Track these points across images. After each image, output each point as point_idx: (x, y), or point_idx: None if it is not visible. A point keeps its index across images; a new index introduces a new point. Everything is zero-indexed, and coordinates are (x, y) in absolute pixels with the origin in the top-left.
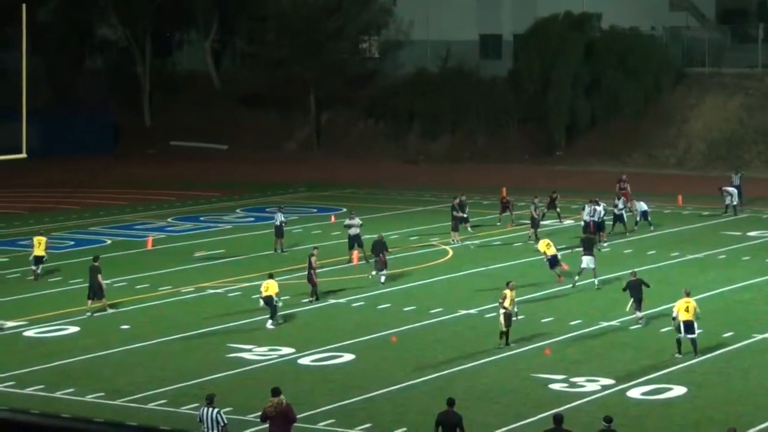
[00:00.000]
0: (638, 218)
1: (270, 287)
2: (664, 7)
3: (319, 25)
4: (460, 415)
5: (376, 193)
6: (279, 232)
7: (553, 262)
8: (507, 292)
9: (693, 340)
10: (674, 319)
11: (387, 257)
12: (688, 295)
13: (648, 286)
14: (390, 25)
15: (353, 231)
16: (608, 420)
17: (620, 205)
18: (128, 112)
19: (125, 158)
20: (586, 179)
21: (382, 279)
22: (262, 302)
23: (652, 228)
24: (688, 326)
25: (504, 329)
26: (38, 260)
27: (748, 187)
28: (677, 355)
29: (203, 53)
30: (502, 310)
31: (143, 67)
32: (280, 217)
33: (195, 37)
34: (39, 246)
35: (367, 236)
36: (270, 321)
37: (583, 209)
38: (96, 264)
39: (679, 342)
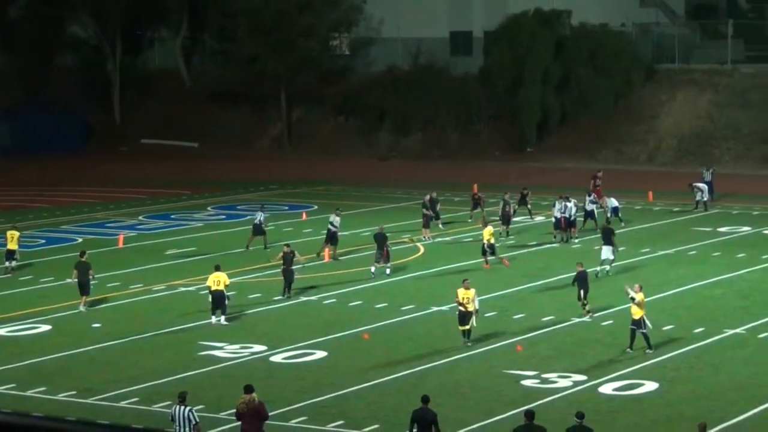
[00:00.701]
0: (609, 214)
1: (220, 280)
2: (634, 4)
3: (290, 22)
4: (435, 412)
5: (347, 191)
6: (257, 230)
7: (491, 250)
8: (460, 290)
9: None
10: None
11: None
12: (640, 289)
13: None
14: (360, 22)
15: (333, 228)
16: (580, 416)
17: (589, 202)
18: (99, 110)
19: (96, 156)
20: (557, 176)
21: (388, 271)
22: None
23: (623, 224)
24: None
25: (461, 328)
26: (10, 255)
27: (717, 183)
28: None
29: (174, 51)
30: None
31: (114, 64)
32: (259, 216)
33: (166, 35)
34: (12, 240)
35: (342, 232)
36: (223, 317)
37: (554, 206)
38: (83, 259)
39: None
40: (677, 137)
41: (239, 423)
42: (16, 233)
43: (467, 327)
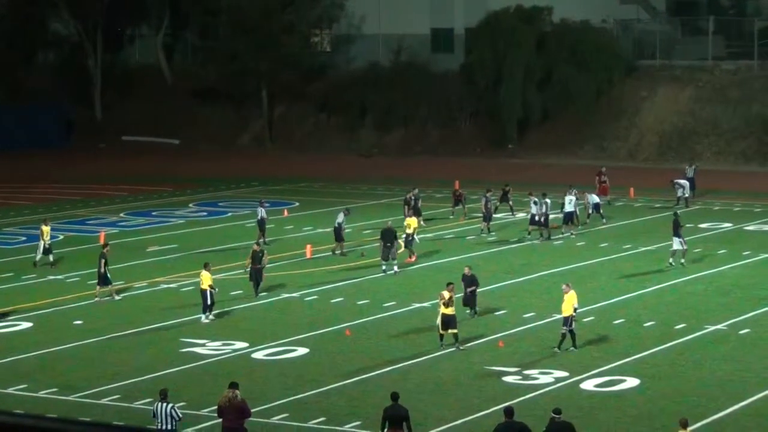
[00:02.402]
0: (590, 211)
1: (204, 279)
2: (615, 0)
3: (271, 19)
4: (406, 408)
5: (329, 187)
6: (262, 225)
7: (408, 241)
8: (445, 293)
9: (573, 332)
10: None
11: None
12: (569, 286)
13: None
14: (341, 19)
15: (337, 225)
16: (557, 411)
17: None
18: (80, 106)
19: (77, 153)
20: (538, 172)
21: (396, 268)
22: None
23: (604, 221)
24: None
25: (446, 332)
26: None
27: (698, 179)
28: (555, 348)
29: (155, 48)
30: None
31: (95, 61)
32: (261, 212)
33: (147, 32)
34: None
35: (322, 230)
36: (204, 314)
37: (534, 203)
38: (104, 251)
39: (564, 336)
40: (658, 133)
41: (221, 420)
42: (47, 228)
43: (455, 331)
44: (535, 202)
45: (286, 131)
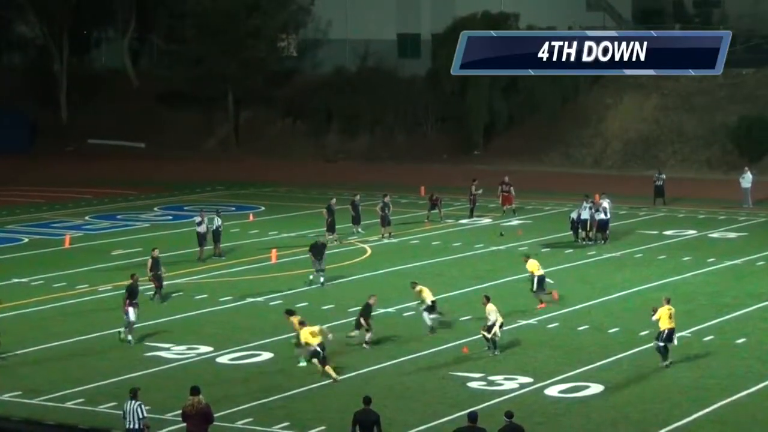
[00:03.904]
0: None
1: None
2: (581, 8)
3: (237, 23)
4: (377, 413)
5: (294, 192)
6: (216, 235)
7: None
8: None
9: (670, 348)
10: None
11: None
12: (668, 302)
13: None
14: (308, 23)
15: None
16: (509, 415)
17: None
18: (45, 109)
19: (42, 156)
20: (502, 179)
21: (322, 279)
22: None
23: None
24: (671, 334)
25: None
26: None
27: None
28: (662, 364)
29: (121, 51)
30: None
31: (61, 64)
32: (217, 222)
33: (113, 35)
34: None
35: (283, 235)
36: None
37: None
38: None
39: (660, 350)
40: (623, 141)
41: (185, 424)
42: None
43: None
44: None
45: (252, 136)
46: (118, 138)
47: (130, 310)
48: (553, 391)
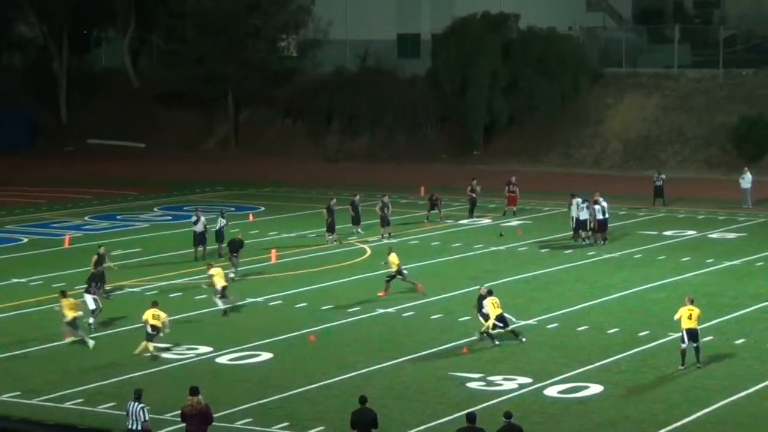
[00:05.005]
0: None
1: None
2: (581, 8)
3: (238, 23)
4: (374, 411)
5: (294, 192)
6: (219, 236)
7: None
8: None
9: (696, 348)
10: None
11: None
12: (691, 302)
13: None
14: (308, 24)
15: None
16: (508, 416)
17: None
18: (45, 109)
19: (42, 156)
20: (503, 178)
21: (232, 274)
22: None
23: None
24: (692, 335)
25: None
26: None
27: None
28: (680, 367)
29: (121, 51)
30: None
31: (61, 64)
32: (220, 223)
33: (113, 35)
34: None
35: (283, 235)
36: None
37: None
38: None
39: (683, 353)
40: (623, 141)
41: (184, 424)
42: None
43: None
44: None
45: (252, 136)
46: (117, 138)
47: (88, 297)
48: (552, 392)
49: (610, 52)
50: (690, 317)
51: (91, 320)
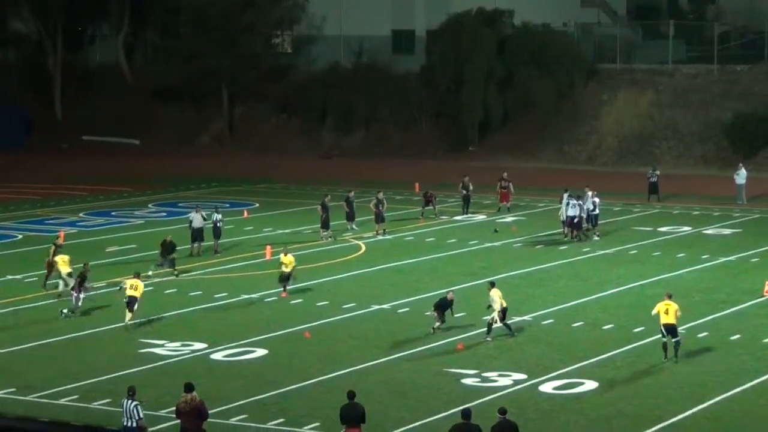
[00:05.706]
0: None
1: (138, 287)
2: (576, 4)
3: (232, 19)
4: (362, 406)
5: (289, 188)
6: (217, 231)
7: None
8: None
9: (676, 343)
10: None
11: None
12: (669, 297)
13: None
14: (303, 20)
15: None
16: (503, 411)
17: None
18: (40, 106)
19: (37, 152)
20: (498, 175)
21: (150, 273)
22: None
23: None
24: (669, 330)
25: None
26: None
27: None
28: (663, 360)
29: (116, 47)
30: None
31: (55, 60)
32: (216, 217)
33: (107, 31)
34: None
35: (278, 231)
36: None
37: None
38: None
39: (664, 346)
40: (618, 137)
41: (179, 421)
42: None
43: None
44: (574, 204)
45: (246, 131)
46: (112, 134)
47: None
48: (547, 388)
49: (605, 48)
50: (667, 312)
51: (65, 310)
